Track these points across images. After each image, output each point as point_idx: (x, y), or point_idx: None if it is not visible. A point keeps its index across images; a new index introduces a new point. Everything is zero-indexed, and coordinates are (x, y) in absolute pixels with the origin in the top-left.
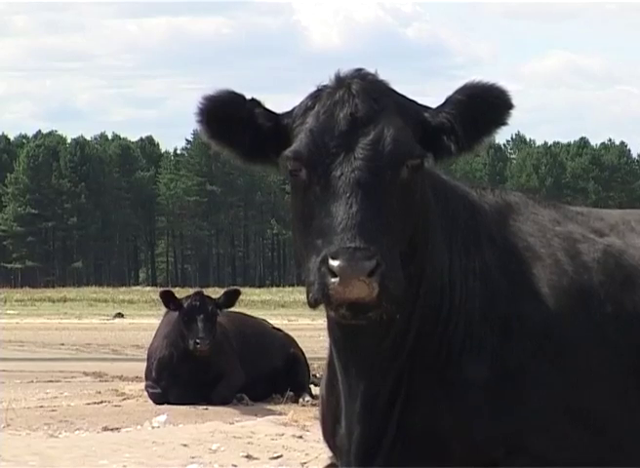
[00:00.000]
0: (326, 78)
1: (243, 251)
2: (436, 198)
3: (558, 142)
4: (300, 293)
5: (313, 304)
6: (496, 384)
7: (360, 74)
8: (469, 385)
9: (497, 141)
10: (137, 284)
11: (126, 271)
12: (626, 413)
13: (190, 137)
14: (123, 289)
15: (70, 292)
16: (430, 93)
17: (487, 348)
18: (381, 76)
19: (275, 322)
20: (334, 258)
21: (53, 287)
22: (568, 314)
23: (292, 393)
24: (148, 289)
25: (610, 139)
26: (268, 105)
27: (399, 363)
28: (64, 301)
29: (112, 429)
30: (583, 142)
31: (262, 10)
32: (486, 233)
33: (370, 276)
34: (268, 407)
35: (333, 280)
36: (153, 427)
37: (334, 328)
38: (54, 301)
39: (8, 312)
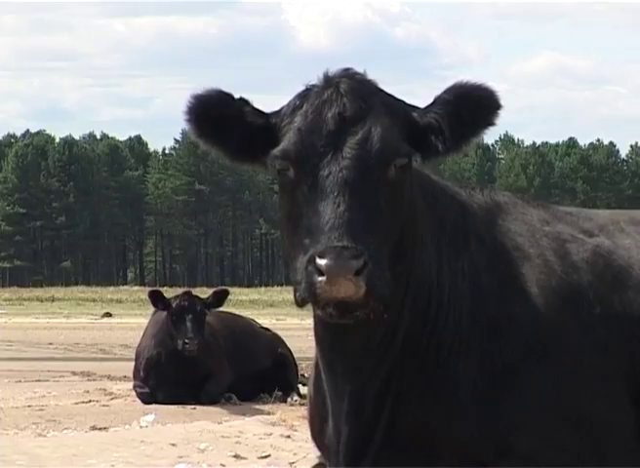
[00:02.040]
0: (314, 78)
1: (231, 250)
2: (424, 198)
3: (546, 142)
4: (288, 293)
5: (300, 303)
6: (484, 384)
7: (348, 74)
8: (458, 385)
9: (485, 141)
10: (125, 283)
11: (114, 271)
12: (614, 414)
13: (179, 137)
14: (111, 288)
15: (59, 291)
16: (419, 93)
17: (476, 348)
18: (370, 76)
19: (263, 321)
20: (321, 257)
21: (41, 286)
22: (557, 314)
23: (280, 393)
24: (137, 288)
25: (598, 140)
26: (257, 105)
27: (387, 363)
28: (53, 301)
29: (100, 428)
30: (572, 142)
31: (250, 9)
32: (475, 233)
33: (357, 275)
34: (256, 406)
35: (320, 278)
36: (141, 426)
37: (320, 327)
38: (42, 301)
39: None
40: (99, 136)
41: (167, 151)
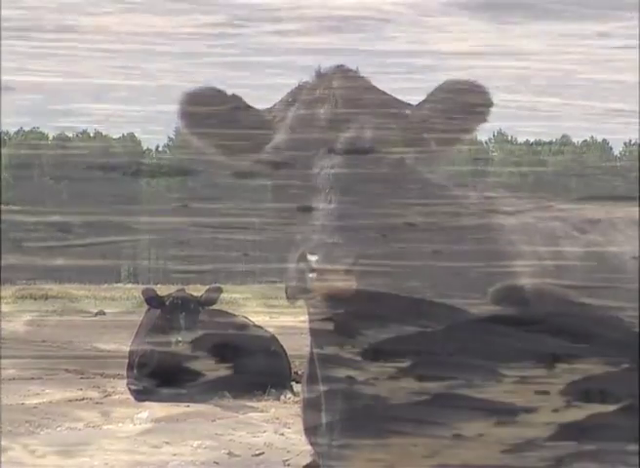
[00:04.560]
0: (307, 75)
1: None
2: (417, 195)
3: (540, 140)
4: (281, 291)
5: (291, 299)
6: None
7: (341, 70)
8: (451, 384)
9: (478, 139)
10: (118, 281)
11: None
12: (610, 413)
13: (172, 135)
14: (105, 285)
15: (52, 289)
16: (411, 91)
17: (468, 348)
18: (362, 73)
19: (257, 319)
20: (312, 254)
21: (34, 283)
22: (549, 312)
23: (273, 390)
24: (130, 286)
25: (592, 137)
26: (249, 102)
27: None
28: (46, 298)
29: (94, 426)
30: (565, 140)
31: None
32: (467, 230)
33: (348, 272)
34: (250, 404)
35: (311, 275)
36: (135, 424)
37: (313, 323)
38: (35, 298)
39: None
40: (92, 134)
41: (160, 149)
